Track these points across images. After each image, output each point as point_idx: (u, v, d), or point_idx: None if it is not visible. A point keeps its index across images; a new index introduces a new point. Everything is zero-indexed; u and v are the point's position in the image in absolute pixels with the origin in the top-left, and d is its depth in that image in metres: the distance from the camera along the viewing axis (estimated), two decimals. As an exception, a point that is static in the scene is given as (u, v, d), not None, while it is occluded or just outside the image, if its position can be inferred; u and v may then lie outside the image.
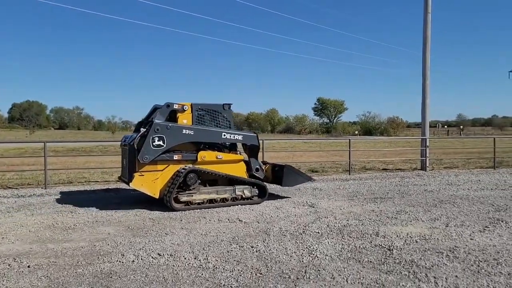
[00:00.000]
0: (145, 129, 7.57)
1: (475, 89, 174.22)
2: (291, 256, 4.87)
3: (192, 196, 7.68)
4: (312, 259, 4.77)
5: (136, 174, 7.45)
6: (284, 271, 4.39)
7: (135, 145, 7.46)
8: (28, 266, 4.52)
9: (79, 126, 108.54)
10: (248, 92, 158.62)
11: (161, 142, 7.50)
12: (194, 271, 4.41)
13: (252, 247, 5.23)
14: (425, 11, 14.77)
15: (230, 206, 7.89)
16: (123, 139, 8.47)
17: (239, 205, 7.91)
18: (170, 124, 7.65)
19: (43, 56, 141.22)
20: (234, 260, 4.74)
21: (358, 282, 4.05)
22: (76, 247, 5.27)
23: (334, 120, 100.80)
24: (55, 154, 17.49)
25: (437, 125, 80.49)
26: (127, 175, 7.86)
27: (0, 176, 12.35)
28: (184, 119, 7.95)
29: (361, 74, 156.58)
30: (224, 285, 4.02)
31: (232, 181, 8.20)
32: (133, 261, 4.71)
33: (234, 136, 8.32)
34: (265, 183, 8.53)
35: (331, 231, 6.03)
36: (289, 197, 8.90)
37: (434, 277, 4.15)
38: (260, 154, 9.28)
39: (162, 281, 4.13)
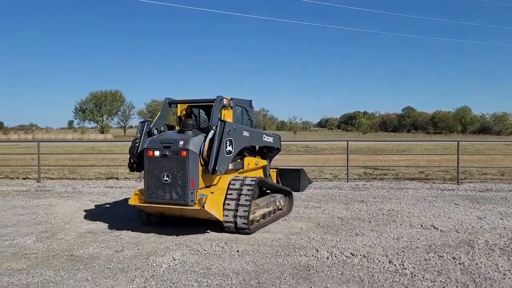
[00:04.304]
0: (213, 131, 5.71)
1: None
2: (504, 274, 4.26)
3: (255, 212, 6.25)
4: (534, 281, 4.06)
5: (207, 192, 5.66)
6: (497, 290, 3.87)
7: (204, 153, 5.64)
8: (237, 251, 5.13)
9: (264, 127, 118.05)
10: (433, 88, 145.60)
11: (230, 148, 5.86)
12: (391, 275, 4.27)
13: (453, 258, 4.78)
14: None
15: (273, 222, 6.64)
16: (146, 143, 5.93)
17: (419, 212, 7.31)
18: (235, 125, 6.13)
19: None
20: (434, 270, 4.40)
21: None
22: (274, 238, 5.73)
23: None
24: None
25: None
26: (179, 194, 5.62)
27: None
28: (228, 118, 6.33)
29: None
30: (425, 295, 3.79)
31: (266, 190, 7.15)
32: (327, 257, 4.86)
33: (268, 139, 7.17)
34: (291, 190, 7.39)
35: (557, 251, 5.02)
36: (478, 206, 7.77)
37: None
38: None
39: (358, 281, 4.13)
